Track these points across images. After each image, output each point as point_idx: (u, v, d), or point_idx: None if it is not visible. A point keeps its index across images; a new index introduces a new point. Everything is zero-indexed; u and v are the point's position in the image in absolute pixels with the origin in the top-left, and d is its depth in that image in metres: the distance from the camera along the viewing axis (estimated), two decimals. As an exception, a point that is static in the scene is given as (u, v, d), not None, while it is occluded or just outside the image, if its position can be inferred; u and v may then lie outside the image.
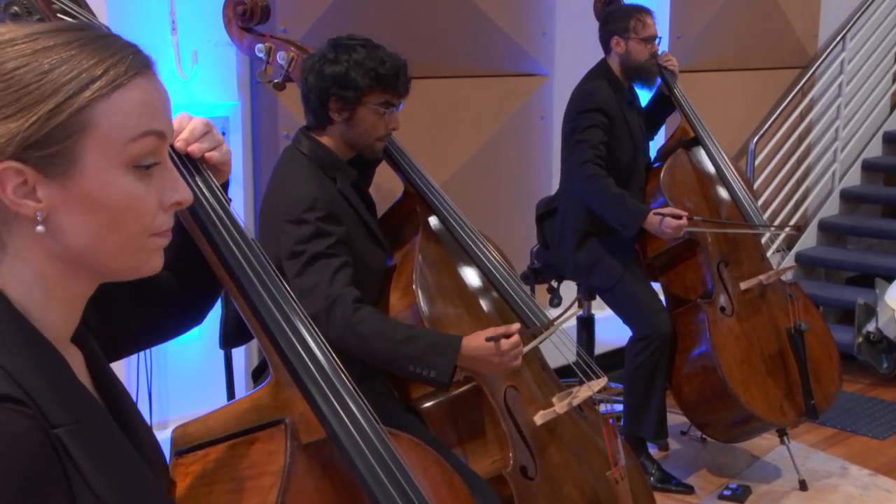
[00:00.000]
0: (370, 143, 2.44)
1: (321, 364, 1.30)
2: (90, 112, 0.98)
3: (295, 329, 1.30)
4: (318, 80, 2.38)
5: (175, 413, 3.42)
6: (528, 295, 2.64)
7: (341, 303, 2.23)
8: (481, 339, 2.22)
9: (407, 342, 2.21)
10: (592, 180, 3.44)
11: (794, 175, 6.02)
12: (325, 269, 2.25)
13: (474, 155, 4.39)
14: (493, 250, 2.66)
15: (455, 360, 2.22)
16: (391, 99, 2.40)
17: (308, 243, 2.27)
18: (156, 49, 3.21)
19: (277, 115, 3.59)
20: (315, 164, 2.41)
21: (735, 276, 3.67)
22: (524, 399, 2.51)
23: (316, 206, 2.29)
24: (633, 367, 3.55)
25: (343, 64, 2.35)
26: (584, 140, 3.49)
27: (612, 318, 3.79)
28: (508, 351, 2.24)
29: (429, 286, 2.44)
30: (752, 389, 3.52)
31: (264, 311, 1.30)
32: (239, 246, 1.30)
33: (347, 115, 2.39)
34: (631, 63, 3.62)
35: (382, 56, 2.36)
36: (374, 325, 2.23)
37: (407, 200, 2.69)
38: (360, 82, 2.34)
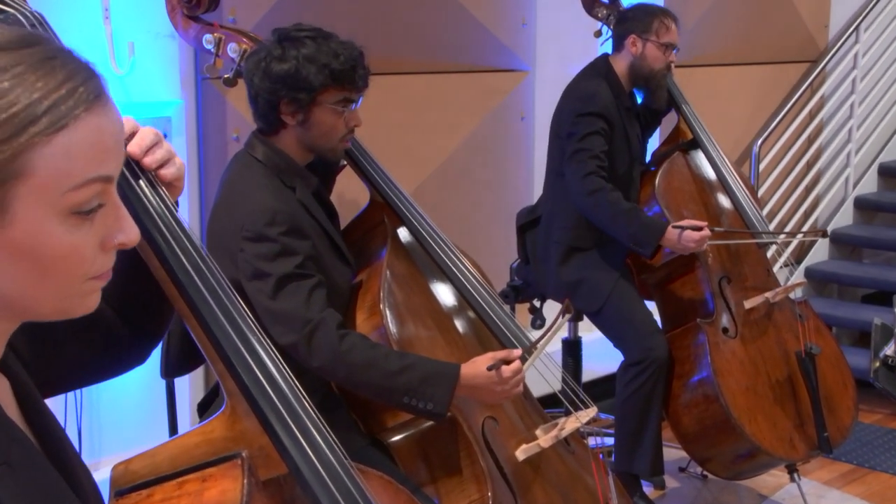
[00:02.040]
0: (332, 146, 2.46)
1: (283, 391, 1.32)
2: (26, 158, 0.94)
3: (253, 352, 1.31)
4: (264, 81, 2.38)
5: (108, 452, 3.40)
6: (509, 315, 2.67)
7: (324, 329, 2.25)
8: (481, 367, 2.26)
9: (401, 372, 2.25)
10: (599, 195, 3.47)
11: (803, 181, 6.08)
12: (298, 291, 2.27)
13: (448, 159, 4.42)
14: (470, 265, 2.68)
15: (453, 390, 2.26)
16: (349, 95, 2.41)
17: (273, 263, 2.28)
18: (86, 40, 3.23)
19: (226, 116, 3.60)
20: (272, 172, 2.42)
21: (738, 293, 3.71)
22: (504, 432, 2.53)
23: (277, 220, 2.30)
24: (626, 396, 3.57)
25: (291, 61, 2.36)
26: (585, 149, 3.50)
27: (601, 340, 3.81)
28: (510, 378, 2.28)
29: (398, 305, 2.46)
30: (759, 420, 3.55)
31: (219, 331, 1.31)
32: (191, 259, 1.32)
33: (302, 118, 2.40)
34: (643, 68, 3.63)
35: (335, 48, 2.37)
36: (365, 353, 2.25)
37: (373, 210, 2.70)
38: (312, 81, 2.35)
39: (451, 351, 2.51)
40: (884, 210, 6.36)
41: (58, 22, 1.05)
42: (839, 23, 6.22)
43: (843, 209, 6.25)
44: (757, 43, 5.81)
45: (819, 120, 6.14)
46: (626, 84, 3.67)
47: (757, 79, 5.86)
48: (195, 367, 2.75)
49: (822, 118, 6.16)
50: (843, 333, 5.81)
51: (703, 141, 3.85)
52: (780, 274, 4.68)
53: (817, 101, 6.10)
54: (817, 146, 6.16)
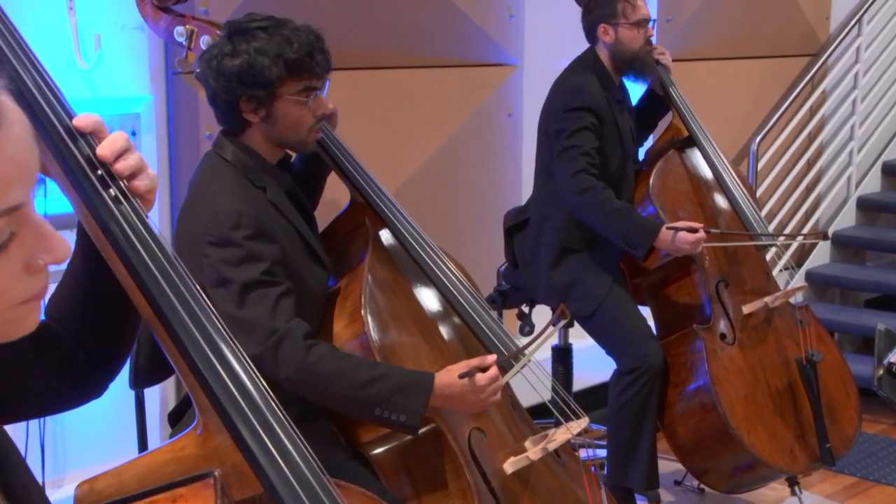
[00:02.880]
0: (301, 138, 2.45)
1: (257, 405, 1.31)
2: None
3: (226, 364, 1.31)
4: (219, 80, 2.37)
5: (73, 467, 3.39)
6: (496, 321, 2.67)
7: (290, 339, 2.24)
8: (455, 376, 2.26)
9: (372, 383, 2.24)
10: (589, 194, 3.47)
11: (804, 180, 6.10)
12: (263, 299, 2.26)
13: (432, 158, 4.42)
14: (455, 269, 2.68)
15: (427, 401, 2.26)
16: (310, 83, 2.40)
17: (238, 269, 2.27)
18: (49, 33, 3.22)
19: (199, 112, 3.58)
20: (240, 173, 2.41)
21: (737, 298, 3.72)
22: (492, 443, 2.52)
23: (242, 224, 2.29)
24: (619, 406, 3.58)
25: (243, 56, 2.34)
26: (575, 146, 3.51)
27: (593, 347, 3.81)
28: (486, 386, 2.28)
29: (380, 311, 2.45)
30: (758, 430, 3.56)
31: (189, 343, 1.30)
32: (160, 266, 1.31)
33: (265, 114, 2.40)
34: (623, 53, 3.65)
35: (288, 35, 2.36)
36: (333, 364, 2.25)
37: (354, 212, 2.70)
38: (267, 74, 2.34)
39: (435, 358, 2.50)
40: (888, 211, 6.38)
41: (18, 13, 1.03)
42: (841, 15, 6.24)
43: (845, 210, 6.27)
44: (755, 36, 5.83)
45: (820, 116, 6.16)
46: (614, 74, 3.68)
47: (755, 73, 5.88)
48: (166, 377, 2.74)
49: (823, 114, 6.18)
50: (845, 339, 5.83)
51: (700, 138, 3.86)
52: (779, 277, 4.70)
53: (818, 97, 6.12)
54: (818, 144, 6.18)
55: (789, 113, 5.84)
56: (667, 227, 3.44)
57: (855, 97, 6.23)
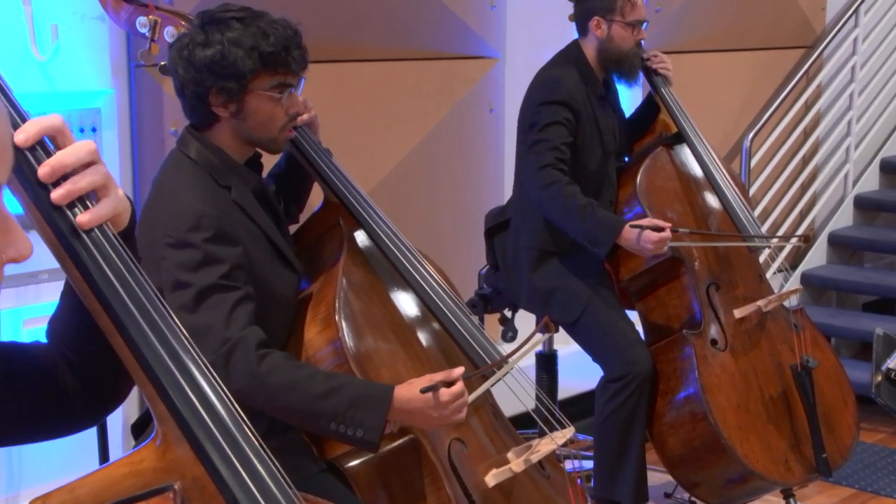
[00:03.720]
0: (272, 137, 2.45)
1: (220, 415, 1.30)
2: None
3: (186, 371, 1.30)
4: (189, 70, 2.36)
5: (31, 483, 3.37)
6: (477, 326, 2.67)
7: (242, 348, 2.23)
8: (416, 390, 2.24)
9: (327, 396, 2.23)
10: (553, 188, 3.47)
11: (799, 178, 6.13)
12: (218, 305, 2.25)
13: (409, 155, 4.42)
14: (434, 272, 2.68)
15: (385, 415, 2.25)
16: (285, 79, 2.40)
17: (195, 273, 2.26)
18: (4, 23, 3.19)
19: (163, 107, 3.58)
20: (204, 171, 2.40)
21: (728, 301, 3.73)
22: (473, 455, 2.52)
23: (202, 225, 2.28)
24: (606, 415, 3.58)
25: (216, 46, 2.34)
26: (544, 139, 3.52)
27: (579, 354, 3.82)
28: (449, 402, 2.26)
29: (355, 317, 2.45)
30: (751, 441, 3.57)
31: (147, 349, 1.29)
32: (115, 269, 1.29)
33: (235, 109, 2.39)
34: (611, 50, 3.66)
35: (264, 28, 2.35)
36: (286, 375, 2.23)
37: (327, 212, 2.70)
38: (240, 67, 2.33)
39: (413, 366, 2.50)
40: (886, 210, 6.41)
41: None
42: (837, 5, 6.28)
43: (842, 209, 6.30)
44: (748, 27, 5.85)
45: (816, 111, 6.19)
46: (598, 70, 3.69)
47: (748, 66, 5.90)
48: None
49: (818, 109, 6.21)
50: (842, 345, 5.86)
51: (689, 134, 3.87)
52: (773, 280, 4.71)
53: (814, 91, 6.15)
54: (814, 140, 6.21)
55: (783, 108, 5.86)
56: (630, 225, 3.44)
57: (852, 91, 6.26)
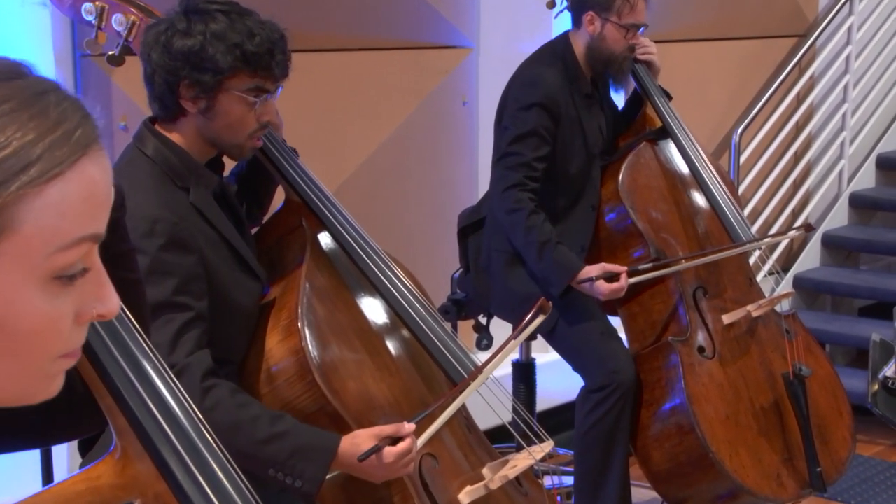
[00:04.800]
0: (239, 142, 2.45)
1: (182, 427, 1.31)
2: (13, 211, 0.94)
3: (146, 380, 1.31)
4: (164, 57, 2.37)
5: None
6: (450, 334, 2.68)
7: (187, 378, 2.23)
8: (362, 448, 2.27)
9: (269, 442, 2.26)
10: (516, 216, 3.51)
11: (791, 175, 6.17)
12: (166, 326, 2.25)
13: (377, 152, 4.42)
14: (404, 276, 2.69)
15: (327, 468, 2.28)
16: (263, 84, 2.41)
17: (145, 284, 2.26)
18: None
19: (111, 101, 3.58)
20: (161, 170, 2.41)
21: (716, 306, 3.75)
22: (446, 471, 2.54)
23: (156, 231, 2.28)
24: (587, 428, 3.59)
25: (197, 37, 2.35)
26: (515, 153, 3.54)
27: (558, 363, 3.83)
28: (394, 463, 2.29)
29: (319, 324, 2.46)
30: (741, 454, 3.59)
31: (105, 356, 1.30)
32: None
33: (205, 105, 2.39)
34: (602, 50, 3.66)
35: (251, 27, 2.37)
36: (229, 414, 2.25)
37: (289, 212, 2.70)
38: (220, 62, 2.34)
39: (381, 376, 2.51)
40: (883, 208, 6.45)
41: None
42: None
43: (836, 208, 6.34)
44: (736, 15, 5.88)
45: (808, 104, 6.23)
46: (586, 67, 3.69)
47: (736, 56, 5.93)
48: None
49: (811, 102, 6.25)
50: (837, 352, 5.90)
51: (674, 129, 3.89)
52: (764, 283, 4.73)
53: (806, 82, 6.18)
54: (806, 134, 6.25)
55: (774, 100, 5.89)
56: (583, 274, 3.47)
57: (846, 82, 6.30)
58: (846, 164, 6.37)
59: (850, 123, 6.35)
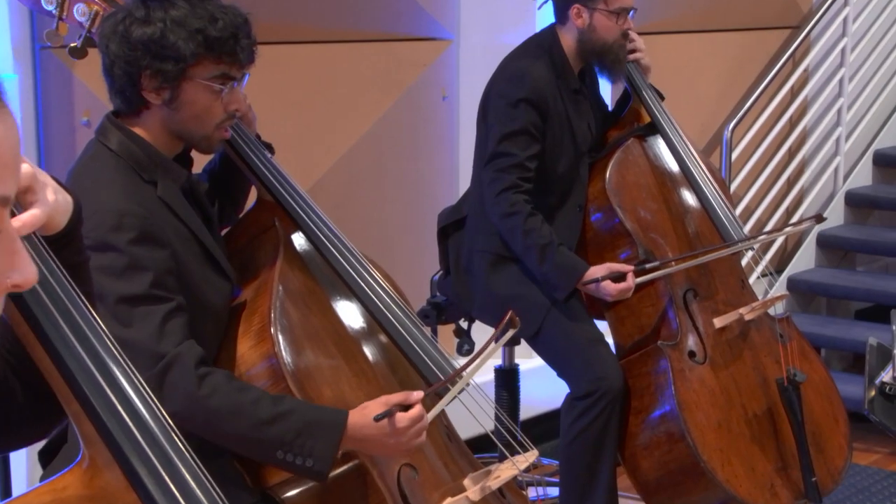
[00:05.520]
0: (206, 133, 2.45)
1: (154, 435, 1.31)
2: None
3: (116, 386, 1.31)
4: (123, 47, 2.37)
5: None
6: (429, 339, 2.69)
7: (179, 367, 2.24)
8: (371, 416, 2.27)
9: (274, 422, 2.26)
10: (513, 220, 3.51)
11: (784, 173, 6.18)
12: (147, 318, 2.25)
13: (353, 148, 4.42)
14: (381, 279, 2.69)
15: (339, 443, 2.28)
16: (229, 70, 2.41)
17: (119, 279, 2.26)
18: None
19: (73, 95, 3.57)
20: (127, 165, 2.41)
21: (708, 309, 3.76)
22: (425, 482, 2.54)
23: (125, 225, 2.28)
24: (573, 436, 3.60)
25: (157, 24, 2.35)
26: (506, 153, 3.53)
27: (543, 369, 3.84)
28: (407, 429, 2.30)
29: (293, 329, 2.46)
30: (733, 463, 3.60)
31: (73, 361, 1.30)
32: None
33: (169, 96, 2.39)
34: (593, 42, 3.65)
35: (213, 11, 2.37)
36: (229, 398, 2.25)
37: (261, 212, 2.70)
38: (182, 49, 2.34)
39: (358, 383, 2.52)
40: (880, 207, 6.47)
41: None
42: (826, -19, 6.34)
43: (832, 206, 6.35)
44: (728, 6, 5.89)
45: (802, 98, 6.24)
46: (575, 61, 3.69)
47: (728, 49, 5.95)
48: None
49: (806, 96, 6.26)
50: (833, 356, 5.92)
51: (664, 125, 3.90)
52: (757, 285, 4.75)
53: (800, 76, 6.20)
54: (801, 130, 6.26)
55: (767, 94, 5.90)
56: (589, 275, 3.49)
57: (842, 76, 6.31)
58: (842, 160, 6.39)
59: (846, 118, 6.37)
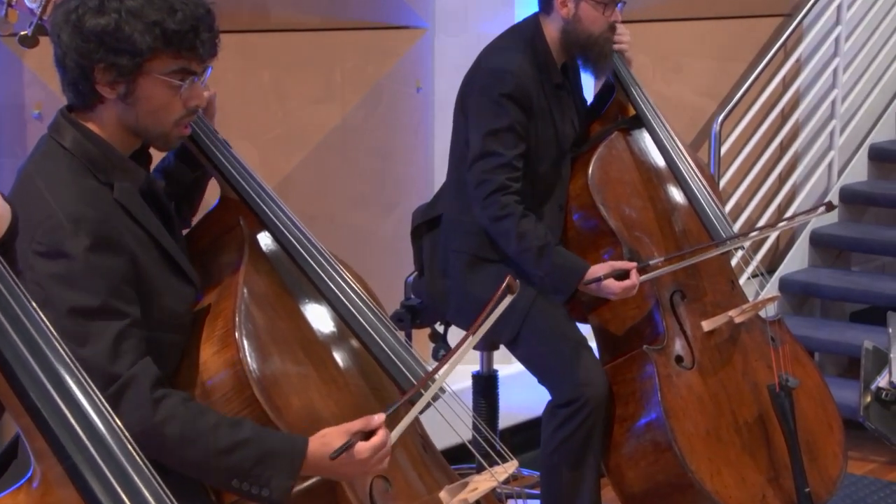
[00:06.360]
0: (164, 131, 2.43)
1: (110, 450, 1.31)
2: None
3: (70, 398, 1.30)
4: (75, 38, 2.35)
5: None
6: (403, 343, 2.68)
7: (134, 390, 2.22)
8: (332, 447, 2.28)
9: (232, 450, 2.26)
10: (505, 223, 3.51)
11: (776, 168, 6.20)
12: (102, 334, 2.24)
13: (322, 143, 4.42)
14: (353, 280, 2.69)
15: (296, 474, 2.29)
16: (188, 65, 2.40)
17: (72, 290, 2.25)
18: None
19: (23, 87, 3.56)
20: (81, 164, 2.39)
21: (696, 311, 3.77)
22: (399, 495, 2.54)
23: (80, 230, 2.27)
24: (554, 446, 3.60)
25: (111, 15, 2.32)
26: (492, 153, 3.53)
27: (523, 375, 3.84)
28: (368, 459, 2.31)
29: (259, 334, 2.46)
30: (723, 473, 3.61)
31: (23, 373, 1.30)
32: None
33: (124, 91, 2.37)
34: (578, 34, 3.65)
35: (172, 2, 2.34)
36: (186, 425, 2.24)
37: (225, 211, 2.70)
38: (137, 43, 2.32)
39: (328, 391, 2.52)
40: (876, 204, 6.49)
41: None
42: (818, -33, 6.35)
43: (825, 203, 6.37)
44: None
45: (795, 90, 6.26)
46: (558, 54, 3.69)
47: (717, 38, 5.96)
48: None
49: (798, 87, 6.28)
50: (826, 360, 5.93)
51: (649, 118, 3.91)
52: (747, 286, 4.76)
53: (792, 66, 6.22)
54: (793, 123, 6.28)
55: (758, 86, 5.91)
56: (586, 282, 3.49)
57: (836, 66, 6.33)
58: (836, 155, 6.40)
59: (841, 111, 6.38)
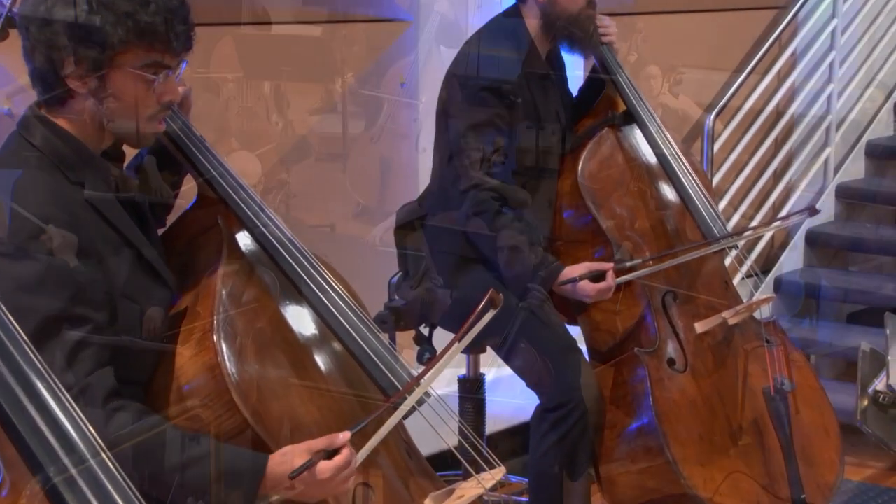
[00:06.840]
0: (138, 127, 2.43)
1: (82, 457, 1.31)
2: None
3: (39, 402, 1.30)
4: (44, 30, 2.35)
5: None
6: (387, 347, 2.68)
7: (87, 400, 2.21)
8: (293, 466, 2.27)
9: (186, 467, 2.25)
10: (479, 219, 3.53)
11: (771, 165, 6.21)
12: (59, 343, 2.23)
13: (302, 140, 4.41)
14: (334, 281, 2.69)
15: (255, 493, 2.27)
16: (161, 59, 2.39)
17: (34, 294, 2.24)
18: None
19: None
20: (52, 164, 2.38)
21: (688, 313, 3.77)
22: (383, 502, 2.54)
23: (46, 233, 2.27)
24: (543, 452, 3.61)
25: (82, 6, 2.32)
26: (470, 148, 3.55)
27: (510, 378, 3.84)
28: (331, 479, 2.29)
29: (238, 337, 2.45)
30: (716, 479, 3.62)
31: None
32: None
33: (95, 85, 2.37)
34: (558, 15, 3.67)
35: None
36: (139, 438, 2.24)
37: (202, 209, 2.69)
38: (109, 35, 2.32)
39: (309, 396, 2.51)
40: (874, 201, 6.50)
41: None
42: (814, -42, 6.37)
43: (821, 201, 6.38)
44: (709, -15, 5.92)
45: (790, 84, 6.27)
46: (542, 43, 3.70)
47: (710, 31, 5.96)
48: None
49: (793, 82, 6.29)
50: (823, 363, 5.94)
51: (640, 113, 3.91)
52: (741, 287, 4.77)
53: (787, 60, 6.22)
54: (788, 119, 6.29)
55: (752, 81, 5.92)
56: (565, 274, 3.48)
57: (832, 60, 6.34)
58: (832, 152, 6.42)
59: (837, 106, 6.40)
